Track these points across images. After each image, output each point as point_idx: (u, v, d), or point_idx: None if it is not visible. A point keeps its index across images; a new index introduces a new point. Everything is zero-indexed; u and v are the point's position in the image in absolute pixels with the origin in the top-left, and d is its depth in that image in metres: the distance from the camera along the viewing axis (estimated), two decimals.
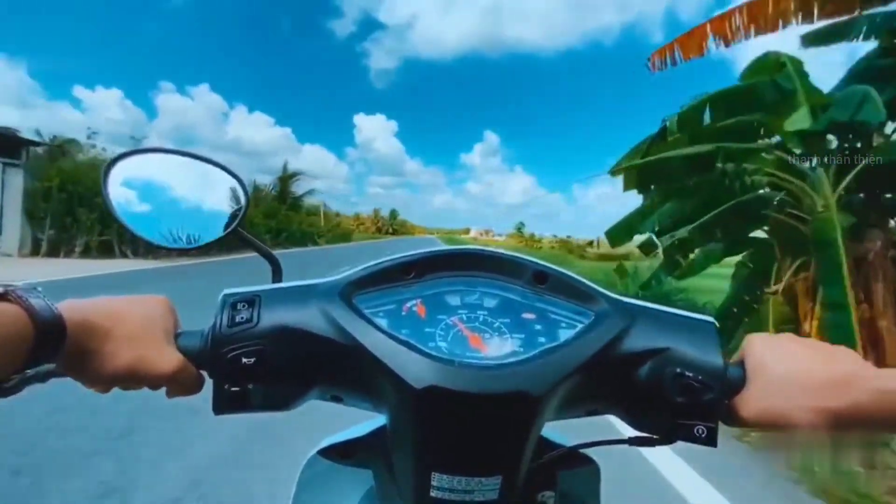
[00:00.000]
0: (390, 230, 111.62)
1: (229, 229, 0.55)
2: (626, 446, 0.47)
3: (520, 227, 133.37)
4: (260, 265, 0.55)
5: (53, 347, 0.35)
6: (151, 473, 2.16)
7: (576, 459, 0.53)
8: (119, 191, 0.51)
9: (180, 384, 0.43)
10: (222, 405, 0.42)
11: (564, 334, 0.44)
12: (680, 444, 0.43)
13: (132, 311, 0.41)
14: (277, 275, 0.57)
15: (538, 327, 0.45)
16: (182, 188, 0.55)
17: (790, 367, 0.40)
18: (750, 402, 0.41)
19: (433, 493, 0.42)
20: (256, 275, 0.54)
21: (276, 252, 0.62)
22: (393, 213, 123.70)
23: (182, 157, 0.55)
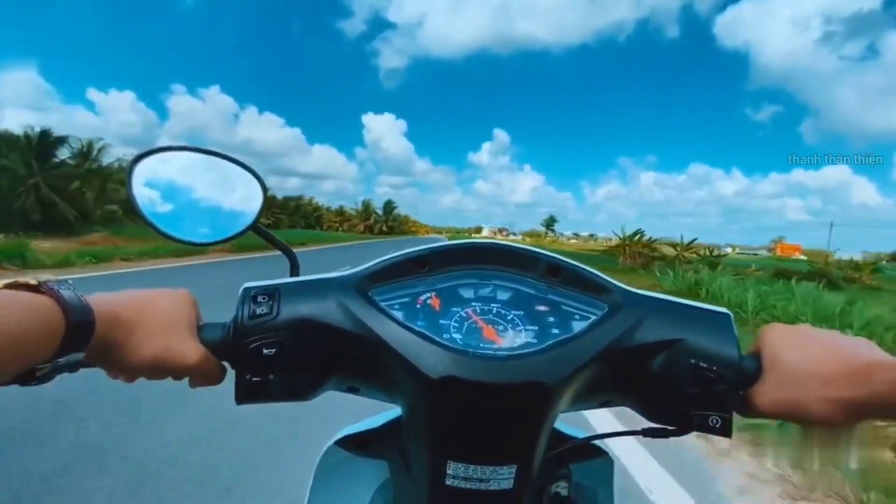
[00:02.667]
0: (384, 228, 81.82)
1: (248, 225, 0.56)
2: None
3: (549, 223, 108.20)
4: None
5: (83, 338, 0.36)
6: None
7: (589, 451, 0.54)
8: (143, 189, 0.52)
9: (203, 375, 0.44)
10: (244, 395, 0.43)
11: (578, 326, 0.44)
12: None
13: (157, 304, 0.43)
14: (295, 269, 0.58)
15: (551, 319, 0.45)
16: (202, 185, 0.56)
17: (807, 358, 0.40)
18: (766, 392, 0.41)
19: (448, 482, 0.42)
20: None
21: None
22: (388, 206, 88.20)
23: (201, 154, 0.56)
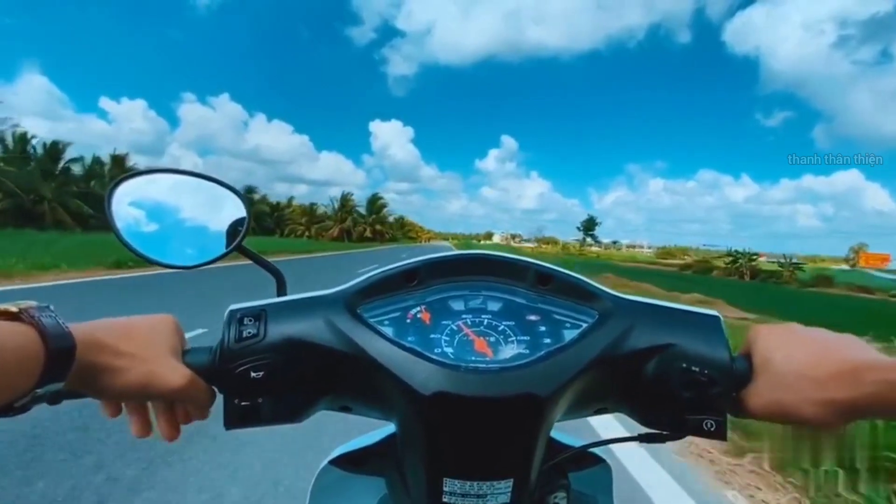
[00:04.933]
0: (368, 233, 60.48)
1: (233, 245, 0.55)
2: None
3: (588, 227, 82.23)
4: None
5: (63, 367, 0.35)
6: None
7: (586, 459, 0.53)
8: (123, 211, 0.52)
9: (191, 400, 0.43)
10: (233, 420, 0.43)
11: (569, 334, 0.44)
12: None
13: (139, 330, 0.42)
14: (282, 288, 0.57)
15: (543, 328, 0.45)
16: (185, 206, 0.56)
17: (796, 359, 0.40)
18: (758, 394, 0.41)
19: (446, 499, 0.42)
20: None
21: None
22: (374, 202, 64.52)
23: (183, 175, 0.56)
